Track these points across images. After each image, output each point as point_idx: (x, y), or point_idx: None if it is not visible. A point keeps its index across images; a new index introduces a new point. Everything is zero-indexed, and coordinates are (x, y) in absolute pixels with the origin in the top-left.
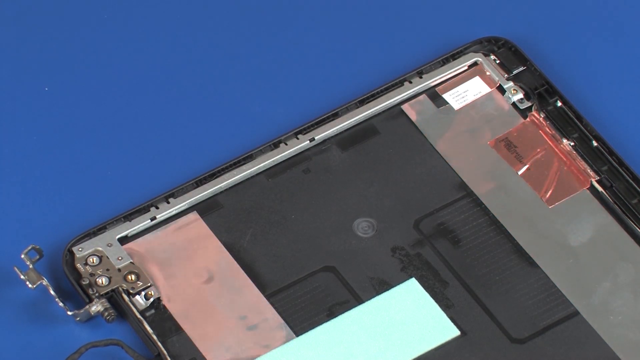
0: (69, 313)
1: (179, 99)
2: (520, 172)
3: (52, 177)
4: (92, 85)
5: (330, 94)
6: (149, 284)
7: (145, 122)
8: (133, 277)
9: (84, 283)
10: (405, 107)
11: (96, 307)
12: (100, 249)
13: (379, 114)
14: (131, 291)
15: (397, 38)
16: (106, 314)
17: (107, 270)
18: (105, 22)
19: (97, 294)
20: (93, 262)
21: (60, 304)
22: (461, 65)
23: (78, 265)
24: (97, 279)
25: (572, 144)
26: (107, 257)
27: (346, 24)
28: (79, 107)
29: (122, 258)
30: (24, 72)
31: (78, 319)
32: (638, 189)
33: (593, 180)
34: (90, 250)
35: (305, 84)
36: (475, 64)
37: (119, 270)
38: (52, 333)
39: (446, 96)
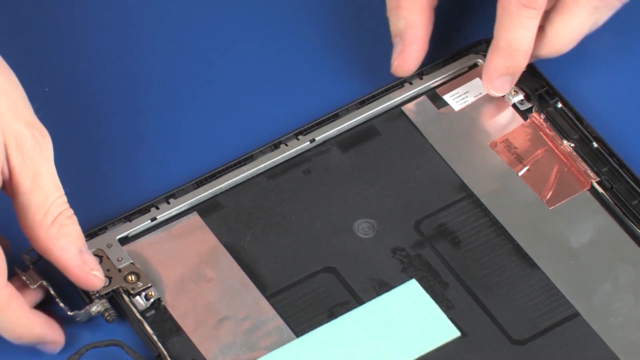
0: (70, 313)
1: (180, 99)
2: (520, 174)
3: None
4: (92, 85)
5: (330, 95)
6: (149, 285)
7: (145, 122)
8: (133, 277)
9: None
10: (406, 108)
11: (96, 308)
12: (100, 249)
13: (380, 115)
14: (131, 291)
15: None
16: (106, 314)
17: (108, 270)
18: (105, 23)
19: (97, 295)
20: None
21: (61, 304)
22: (461, 67)
23: None
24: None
25: (573, 145)
26: (108, 257)
27: (347, 25)
28: (79, 107)
29: (122, 258)
30: (24, 72)
31: (78, 319)
32: (638, 190)
33: (593, 181)
34: (91, 250)
35: (306, 84)
36: (475, 65)
37: (119, 270)
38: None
39: (446, 97)
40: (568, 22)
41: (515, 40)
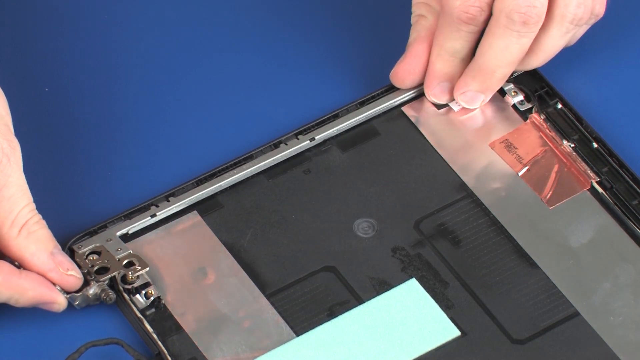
0: (66, 296)
1: (180, 99)
2: (520, 174)
3: (52, 177)
4: (92, 85)
5: (330, 95)
6: (148, 267)
7: (145, 122)
8: (132, 272)
9: (83, 272)
10: (406, 109)
11: (94, 290)
12: (100, 244)
13: (380, 115)
14: (130, 275)
15: (398, 40)
16: (103, 294)
17: (107, 261)
18: (105, 23)
19: (94, 277)
20: (93, 259)
21: (57, 289)
22: None
23: (77, 260)
24: (97, 275)
25: (573, 145)
26: (107, 250)
27: (347, 26)
28: (79, 107)
29: (121, 249)
30: (24, 72)
31: (76, 303)
32: (638, 190)
33: (593, 181)
34: (90, 247)
35: (306, 84)
36: None
37: (118, 260)
38: (51, 332)
39: None
40: (546, 38)
41: (453, 49)
